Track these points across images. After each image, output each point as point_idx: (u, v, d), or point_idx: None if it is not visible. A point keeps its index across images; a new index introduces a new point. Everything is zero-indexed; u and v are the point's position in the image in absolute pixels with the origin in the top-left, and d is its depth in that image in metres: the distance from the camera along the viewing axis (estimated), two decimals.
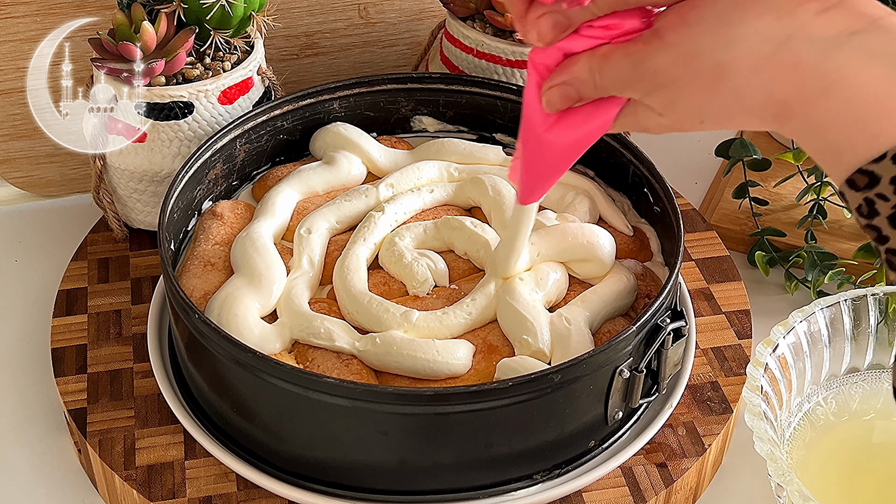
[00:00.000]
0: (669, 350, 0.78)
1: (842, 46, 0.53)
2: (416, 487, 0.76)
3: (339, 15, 1.06)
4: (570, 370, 0.72)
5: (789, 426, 0.82)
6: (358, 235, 0.85)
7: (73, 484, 0.83)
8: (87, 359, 0.87)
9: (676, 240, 0.82)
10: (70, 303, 0.93)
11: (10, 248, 1.03)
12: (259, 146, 0.93)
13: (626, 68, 0.60)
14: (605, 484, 0.79)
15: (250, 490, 0.78)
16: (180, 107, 0.89)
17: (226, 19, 0.90)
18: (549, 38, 0.61)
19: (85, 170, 1.03)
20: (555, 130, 0.65)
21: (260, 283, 0.80)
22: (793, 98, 0.55)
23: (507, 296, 0.80)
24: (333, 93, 0.95)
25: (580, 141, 0.66)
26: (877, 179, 0.52)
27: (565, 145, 0.66)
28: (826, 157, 0.55)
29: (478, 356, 0.78)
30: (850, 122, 0.53)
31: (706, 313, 0.91)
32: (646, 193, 0.89)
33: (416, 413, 0.72)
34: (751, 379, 0.78)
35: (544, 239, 0.83)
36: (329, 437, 0.74)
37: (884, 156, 0.51)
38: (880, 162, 0.51)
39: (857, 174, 0.52)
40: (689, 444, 0.81)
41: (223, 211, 0.88)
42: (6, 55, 0.99)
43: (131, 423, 0.82)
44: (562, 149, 0.67)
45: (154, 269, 0.95)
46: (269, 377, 0.72)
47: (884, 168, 0.51)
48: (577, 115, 0.64)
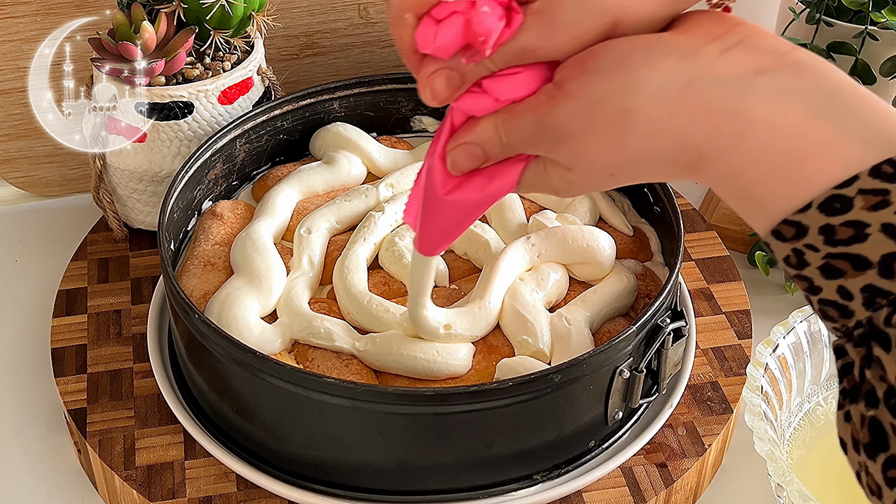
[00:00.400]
0: (669, 350, 0.78)
1: (751, 87, 0.51)
2: (416, 487, 0.76)
3: (339, 15, 1.06)
4: (570, 370, 0.72)
5: (789, 426, 0.82)
6: (358, 235, 0.85)
7: (73, 484, 0.83)
8: (86, 359, 0.87)
9: (676, 240, 0.82)
10: (70, 303, 0.93)
11: (10, 248, 1.03)
12: (259, 146, 0.93)
13: (531, 124, 0.56)
14: (605, 484, 0.79)
15: (250, 490, 0.78)
16: (180, 107, 0.89)
17: (226, 19, 0.90)
18: (443, 95, 0.57)
19: (85, 170, 1.03)
20: (457, 192, 0.61)
21: (260, 283, 0.80)
22: (707, 145, 0.52)
23: (508, 296, 0.80)
24: (333, 93, 0.96)
25: (483, 201, 0.62)
26: (804, 230, 0.48)
27: (467, 206, 0.62)
28: (748, 207, 0.51)
29: (478, 356, 0.78)
30: (769, 169, 0.50)
31: (706, 313, 0.91)
32: (646, 193, 0.89)
33: (416, 413, 0.72)
34: (751, 379, 0.78)
35: (544, 241, 0.83)
36: (329, 437, 0.74)
37: (809, 205, 0.48)
38: (806, 212, 0.48)
39: (783, 225, 0.49)
40: (689, 444, 0.81)
41: (223, 211, 0.88)
42: (6, 55, 0.99)
43: (131, 423, 0.82)
44: (464, 209, 0.63)
45: (154, 269, 0.95)
46: (269, 377, 0.72)
47: (811, 218, 0.48)
48: (480, 176, 0.60)
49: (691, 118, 0.52)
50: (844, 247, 0.47)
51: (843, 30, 0.99)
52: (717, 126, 0.51)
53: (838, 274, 0.47)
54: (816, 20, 0.99)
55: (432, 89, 0.57)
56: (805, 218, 0.48)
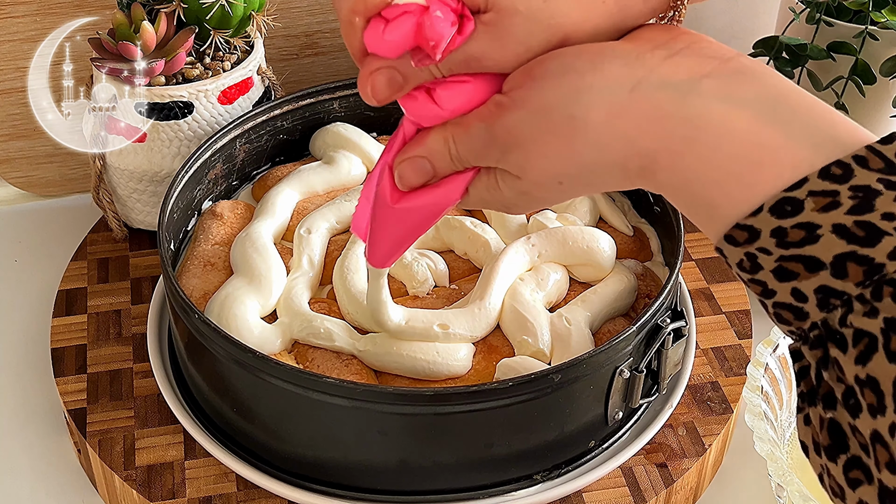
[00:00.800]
0: (669, 350, 0.78)
1: (697, 90, 0.51)
2: (416, 487, 0.76)
3: None
4: (570, 370, 0.72)
5: (789, 426, 0.82)
6: None
7: (73, 484, 0.83)
8: (86, 359, 0.87)
9: (676, 240, 0.82)
10: (70, 303, 0.93)
11: (10, 248, 1.03)
12: (259, 146, 0.93)
13: (481, 133, 0.56)
14: (605, 484, 0.79)
15: (250, 490, 0.78)
16: (180, 107, 0.89)
17: (226, 19, 0.90)
18: (382, 95, 0.56)
19: (85, 170, 1.03)
20: (405, 202, 0.61)
21: (260, 284, 0.80)
22: (657, 149, 0.51)
23: (508, 296, 0.80)
24: (333, 93, 0.96)
25: (435, 211, 0.61)
26: (756, 233, 0.48)
27: (418, 216, 0.62)
28: (699, 212, 0.51)
29: (478, 356, 0.78)
30: (721, 174, 0.49)
31: (706, 313, 0.91)
32: (646, 193, 0.89)
33: (416, 413, 0.72)
34: (751, 379, 0.78)
35: (545, 242, 0.83)
36: (329, 437, 0.74)
37: (761, 208, 0.48)
38: (758, 215, 0.48)
39: (735, 230, 0.49)
40: (689, 444, 0.81)
41: (223, 211, 0.88)
42: (6, 55, 0.99)
43: (131, 423, 0.82)
44: (414, 220, 0.62)
45: (154, 269, 0.95)
46: (269, 377, 0.72)
47: (762, 221, 0.48)
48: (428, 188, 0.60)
49: (639, 123, 0.52)
50: (797, 249, 0.47)
51: (843, 30, 0.99)
52: (667, 130, 0.51)
53: (792, 276, 0.48)
54: (816, 20, 0.99)
55: (373, 86, 0.57)
56: (757, 221, 0.48)
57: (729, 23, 1.22)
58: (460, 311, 0.78)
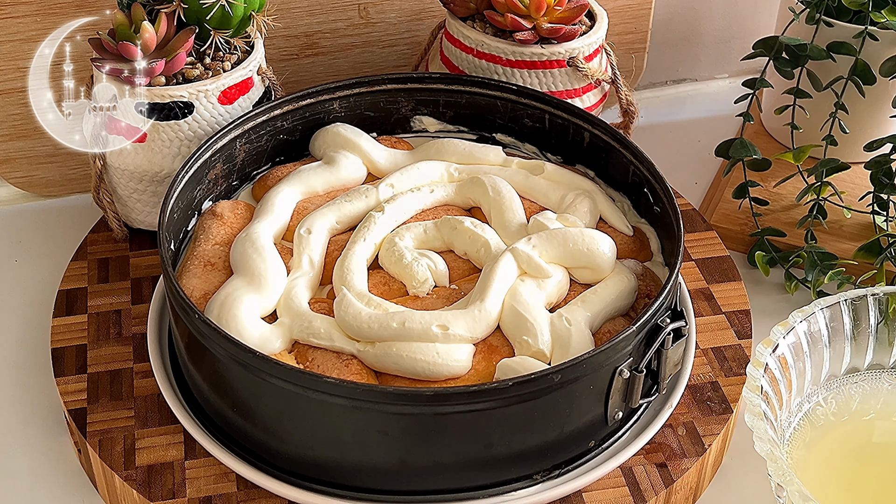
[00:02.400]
0: (669, 350, 0.78)
1: None
2: (416, 487, 0.76)
3: (339, 15, 1.06)
4: (570, 370, 0.72)
5: (789, 426, 0.82)
6: (358, 235, 0.85)
7: (73, 484, 0.83)
8: (87, 359, 0.87)
9: (676, 240, 0.82)
10: (70, 303, 0.93)
11: (10, 248, 1.03)
12: (259, 146, 0.93)
13: None
14: (605, 484, 0.79)
15: (250, 490, 0.78)
16: (180, 107, 0.89)
17: (226, 19, 0.90)
18: None
19: (85, 170, 1.03)
20: None
21: (260, 284, 0.80)
22: None
23: (508, 296, 0.80)
24: (333, 93, 0.95)
25: None
26: None
27: None
28: None
29: (478, 356, 0.78)
30: None
31: (706, 313, 0.91)
32: (646, 193, 0.89)
33: (416, 413, 0.72)
34: (751, 379, 0.78)
35: (545, 243, 0.83)
36: (329, 437, 0.74)
37: None
38: None
39: None
40: (689, 444, 0.81)
41: (223, 211, 0.88)
42: (6, 55, 0.99)
43: (131, 423, 0.82)
44: None
45: (154, 269, 0.95)
46: (269, 377, 0.72)
47: None
48: None
49: None
50: None
51: (843, 30, 1.00)
52: None
53: None
54: (816, 20, 0.99)
55: None
56: None
57: (729, 23, 1.22)
58: (460, 313, 0.78)
